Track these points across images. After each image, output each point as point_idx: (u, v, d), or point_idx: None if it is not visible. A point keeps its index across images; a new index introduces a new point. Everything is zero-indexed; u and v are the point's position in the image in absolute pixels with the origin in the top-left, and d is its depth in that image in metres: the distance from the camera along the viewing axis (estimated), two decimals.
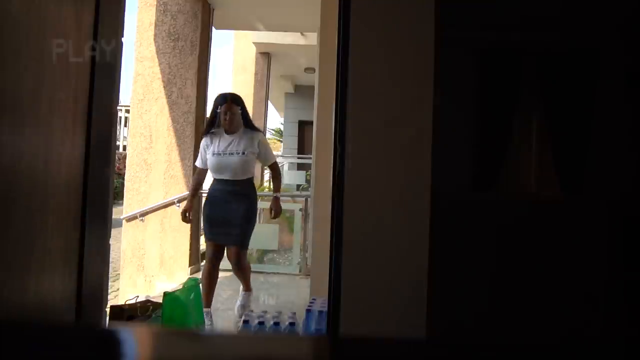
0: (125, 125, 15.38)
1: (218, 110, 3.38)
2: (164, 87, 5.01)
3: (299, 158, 11.46)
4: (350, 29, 1.78)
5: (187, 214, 3.45)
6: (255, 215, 3.62)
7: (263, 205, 6.65)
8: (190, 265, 5.03)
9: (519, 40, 2.62)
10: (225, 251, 3.42)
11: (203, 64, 5.17)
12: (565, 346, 0.64)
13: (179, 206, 4.94)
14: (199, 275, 3.35)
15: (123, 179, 5.32)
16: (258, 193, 3.77)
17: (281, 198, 3.75)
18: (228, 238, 3.33)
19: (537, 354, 0.60)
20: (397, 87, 1.79)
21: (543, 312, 2.40)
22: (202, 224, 3.70)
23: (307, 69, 8.77)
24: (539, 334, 2.34)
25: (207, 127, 3.51)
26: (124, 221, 5.01)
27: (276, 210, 3.55)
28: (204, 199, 3.63)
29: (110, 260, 2.23)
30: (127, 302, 2.62)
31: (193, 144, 5.02)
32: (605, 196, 2.58)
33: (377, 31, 1.80)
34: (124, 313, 2.44)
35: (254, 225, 3.49)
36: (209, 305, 3.31)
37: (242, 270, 3.45)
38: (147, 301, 2.65)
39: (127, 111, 12.55)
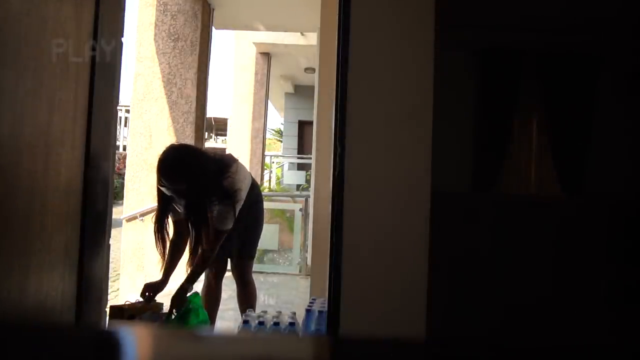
0: (125, 125, 15.37)
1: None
2: (164, 87, 5.01)
3: (299, 158, 11.47)
4: (350, 29, 1.78)
5: (149, 294, 2.54)
6: (263, 218, 3.00)
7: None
8: (190, 266, 5.02)
9: (519, 40, 2.62)
10: (229, 263, 2.92)
11: (203, 64, 5.17)
12: (565, 347, 0.64)
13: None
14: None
15: (123, 179, 5.32)
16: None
17: (281, 198, 3.53)
18: (232, 247, 2.74)
19: (537, 355, 0.60)
20: (397, 87, 1.79)
21: (543, 312, 2.40)
22: None
23: (307, 69, 8.77)
24: (539, 333, 2.34)
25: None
26: (124, 221, 5.02)
27: (173, 305, 2.49)
28: None
29: (110, 260, 2.23)
30: (127, 302, 2.61)
31: (193, 144, 5.02)
32: (605, 196, 2.58)
33: (377, 31, 1.80)
34: (124, 313, 2.43)
35: (262, 229, 2.96)
36: None
37: (248, 288, 2.89)
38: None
39: (127, 111, 12.56)
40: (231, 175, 2.58)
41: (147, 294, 2.58)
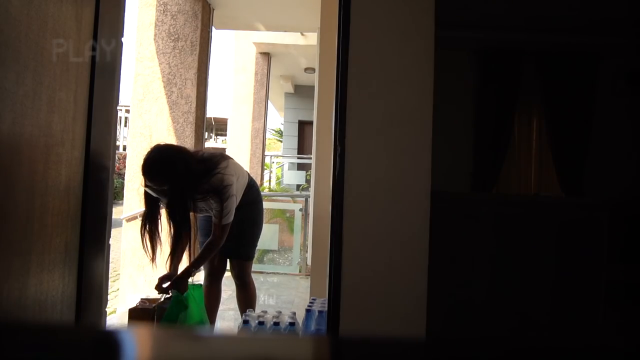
0: (125, 125, 15.38)
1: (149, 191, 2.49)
2: (164, 87, 5.01)
3: (299, 158, 11.47)
4: (350, 29, 1.78)
5: (167, 284, 2.54)
6: (262, 218, 2.98)
7: (263, 204, 6.67)
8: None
9: (519, 41, 2.62)
10: (228, 263, 2.90)
11: (203, 64, 5.17)
12: (565, 347, 0.64)
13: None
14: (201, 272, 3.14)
15: (123, 179, 5.32)
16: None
17: (281, 198, 3.48)
18: (230, 248, 2.72)
19: (537, 354, 0.60)
20: (397, 87, 1.79)
21: (543, 312, 2.40)
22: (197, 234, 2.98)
23: (307, 69, 8.78)
24: (539, 333, 2.34)
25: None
26: (124, 221, 5.01)
27: (177, 287, 2.51)
28: None
29: (110, 260, 2.23)
30: (145, 302, 2.53)
31: (193, 144, 5.03)
32: (605, 196, 2.58)
33: (377, 31, 1.80)
34: (151, 313, 2.38)
35: (261, 230, 2.93)
36: None
37: (247, 290, 2.86)
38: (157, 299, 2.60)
39: (127, 111, 12.56)
40: (220, 172, 2.58)
41: (164, 284, 2.56)
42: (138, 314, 2.39)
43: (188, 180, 2.46)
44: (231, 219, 2.60)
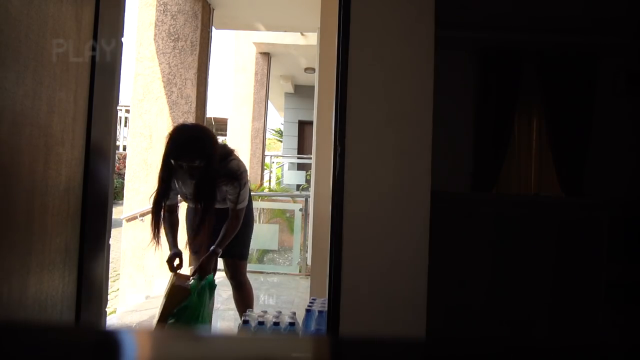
0: (125, 125, 15.36)
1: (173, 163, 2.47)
2: (164, 87, 5.01)
3: (299, 158, 11.48)
4: (350, 29, 1.78)
5: (174, 263, 2.62)
6: (253, 217, 2.99)
7: (263, 205, 6.63)
8: (190, 265, 5.02)
9: (519, 41, 2.62)
10: (224, 264, 2.90)
11: (203, 64, 5.17)
12: (565, 347, 0.64)
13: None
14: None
15: (123, 179, 5.31)
16: (257, 193, 3.49)
17: (281, 198, 3.47)
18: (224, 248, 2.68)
19: (537, 354, 0.60)
20: (397, 87, 1.79)
21: (543, 312, 2.40)
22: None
23: (307, 69, 8.78)
24: (539, 332, 2.34)
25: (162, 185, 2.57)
26: (124, 221, 5.01)
27: (202, 269, 2.58)
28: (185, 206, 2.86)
29: (110, 260, 2.23)
30: (180, 278, 2.57)
31: None
32: (605, 196, 2.57)
33: (377, 31, 1.80)
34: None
35: (252, 229, 2.94)
36: None
37: (243, 290, 2.85)
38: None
39: (127, 111, 12.54)
40: (235, 159, 2.67)
41: (175, 263, 2.65)
42: (178, 290, 2.48)
43: (216, 159, 2.51)
44: (246, 203, 2.68)
